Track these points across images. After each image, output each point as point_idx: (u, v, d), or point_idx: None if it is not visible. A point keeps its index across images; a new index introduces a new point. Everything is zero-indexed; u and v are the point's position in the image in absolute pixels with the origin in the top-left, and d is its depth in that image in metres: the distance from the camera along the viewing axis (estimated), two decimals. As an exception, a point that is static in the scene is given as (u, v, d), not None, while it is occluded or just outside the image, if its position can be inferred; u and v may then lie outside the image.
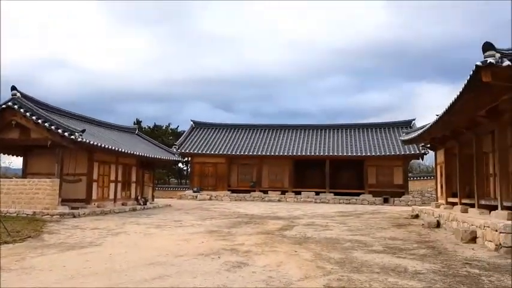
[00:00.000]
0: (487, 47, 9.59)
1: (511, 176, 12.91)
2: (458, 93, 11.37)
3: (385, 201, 32.81)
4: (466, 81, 10.43)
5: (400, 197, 33.03)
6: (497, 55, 9.51)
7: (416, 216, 20.07)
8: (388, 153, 33.04)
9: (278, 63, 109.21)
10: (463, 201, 16.73)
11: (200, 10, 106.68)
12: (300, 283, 6.95)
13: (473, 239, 11.45)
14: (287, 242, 11.61)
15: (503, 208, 12.21)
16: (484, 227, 10.93)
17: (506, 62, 9.40)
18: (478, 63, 9.49)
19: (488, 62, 9.34)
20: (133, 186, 25.46)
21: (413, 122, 36.22)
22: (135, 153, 23.14)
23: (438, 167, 21.50)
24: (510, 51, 10.06)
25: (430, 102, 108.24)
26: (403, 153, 32.81)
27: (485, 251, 10.18)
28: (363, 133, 37.14)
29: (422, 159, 33.80)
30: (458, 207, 16.11)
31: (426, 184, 41.47)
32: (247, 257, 9.19)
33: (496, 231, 10.04)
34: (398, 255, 9.72)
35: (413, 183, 39.00)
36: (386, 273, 7.71)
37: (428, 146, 22.39)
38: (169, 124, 60.82)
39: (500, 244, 9.79)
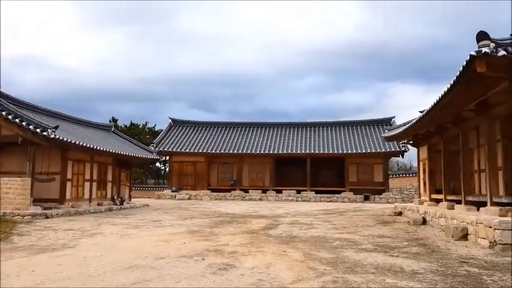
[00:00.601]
0: (482, 36, 9.23)
1: (499, 171, 12.70)
2: (449, 86, 11.02)
3: (366, 198, 32.66)
4: (459, 72, 10.07)
5: (381, 194, 32.93)
6: (492, 45, 9.16)
7: (400, 214, 19.83)
8: (369, 151, 32.88)
9: (256, 63, 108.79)
10: (448, 197, 16.50)
11: (177, 9, 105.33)
12: (294, 286, 6.41)
13: (464, 236, 11.13)
14: (273, 241, 11.08)
15: (493, 204, 11.92)
16: (477, 223, 10.61)
17: (502, 52, 9.06)
18: (473, 52, 9.11)
19: (483, 51, 8.98)
20: (109, 185, 24.55)
21: (393, 119, 36.18)
22: (111, 151, 22.28)
23: (421, 164, 21.31)
24: (504, 41, 9.76)
25: (403, 102, 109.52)
26: (383, 150, 32.72)
27: (479, 248, 9.84)
28: (343, 131, 36.95)
29: (403, 157, 33.89)
30: (444, 203, 15.85)
31: (405, 181, 41.55)
32: (233, 258, 8.61)
33: (490, 227, 9.71)
34: (391, 253, 9.29)
35: (392, 180, 38.99)
36: (382, 274, 7.25)
37: (411, 142, 22.16)
38: (146, 123, 59.73)
39: (495, 241, 9.45)
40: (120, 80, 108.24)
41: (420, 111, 21.75)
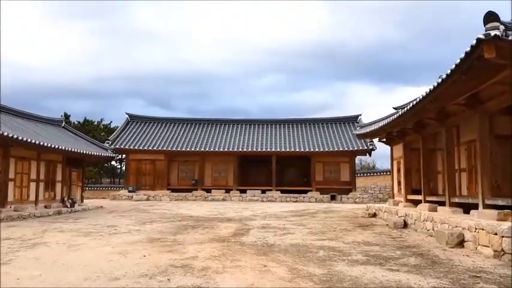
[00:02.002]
0: (490, 17, 8.08)
1: (490, 171, 11.75)
2: (445, 75, 9.91)
3: (332, 198, 31.71)
4: (459, 59, 8.94)
5: (347, 194, 32.04)
6: (502, 27, 8.02)
7: (374, 215, 18.83)
8: (336, 149, 31.89)
9: (215, 61, 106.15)
10: (428, 198, 15.57)
11: (134, 6, 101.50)
12: (292, 321, 4.95)
13: (460, 243, 10.03)
14: (249, 252, 9.57)
15: (486, 207, 10.95)
16: (476, 229, 9.51)
17: (514, 35, 7.94)
18: (481, 36, 7.96)
19: (493, 34, 7.83)
20: (58, 186, 22.28)
21: (359, 117, 35.43)
22: (60, 147, 20.04)
23: (395, 163, 20.38)
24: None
25: (361, 101, 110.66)
26: (350, 148, 31.82)
27: (483, 258, 8.72)
28: (309, 129, 35.86)
29: (370, 155, 33.10)
30: (425, 205, 14.87)
31: (369, 181, 41.06)
32: (206, 277, 7.05)
33: (496, 234, 8.60)
34: (388, 267, 8.00)
35: (357, 179, 38.26)
36: (393, 297, 5.90)
37: (384, 140, 21.19)
38: (101, 120, 56.71)
39: (502, 250, 8.35)
40: (76, 76, 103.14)
41: (395, 108, 20.94)
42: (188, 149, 33.21)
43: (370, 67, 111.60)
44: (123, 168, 48.25)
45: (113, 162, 52.72)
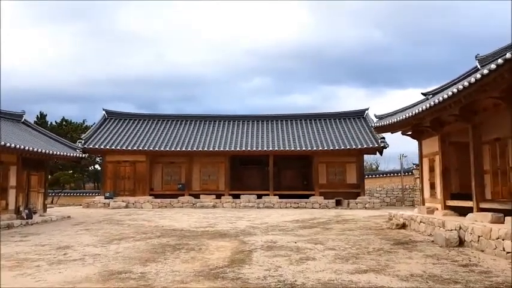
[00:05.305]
0: None
1: None
2: None
3: (338, 203, 27.84)
4: None
5: (355, 198, 28.18)
6: None
7: (403, 226, 15.08)
8: (342, 147, 28.06)
9: (200, 64, 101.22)
10: (483, 205, 11.87)
11: (117, 8, 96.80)
12: None
13: None
14: (260, 305, 5.72)
15: None
16: None
17: None
18: None
19: None
20: (12, 193, 18.11)
21: (366, 111, 31.72)
22: (11, 146, 16.01)
23: (425, 160, 16.63)
24: None
25: (349, 104, 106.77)
26: (358, 147, 28.02)
27: None
28: (310, 125, 31.99)
29: (381, 154, 29.03)
30: (483, 215, 11.17)
31: (374, 183, 37.48)
32: None
33: None
34: None
35: (361, 182, 34.60)
36: None
37: (409, 134, 17.47)
38: (84, 121, 52.14)
39: None
40: (61, 81, 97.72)
41: (423, 93, 17.26)
42: (173, 149, 29.14)
43: (356, 70, 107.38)
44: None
45: (97, 166, 48.44)
